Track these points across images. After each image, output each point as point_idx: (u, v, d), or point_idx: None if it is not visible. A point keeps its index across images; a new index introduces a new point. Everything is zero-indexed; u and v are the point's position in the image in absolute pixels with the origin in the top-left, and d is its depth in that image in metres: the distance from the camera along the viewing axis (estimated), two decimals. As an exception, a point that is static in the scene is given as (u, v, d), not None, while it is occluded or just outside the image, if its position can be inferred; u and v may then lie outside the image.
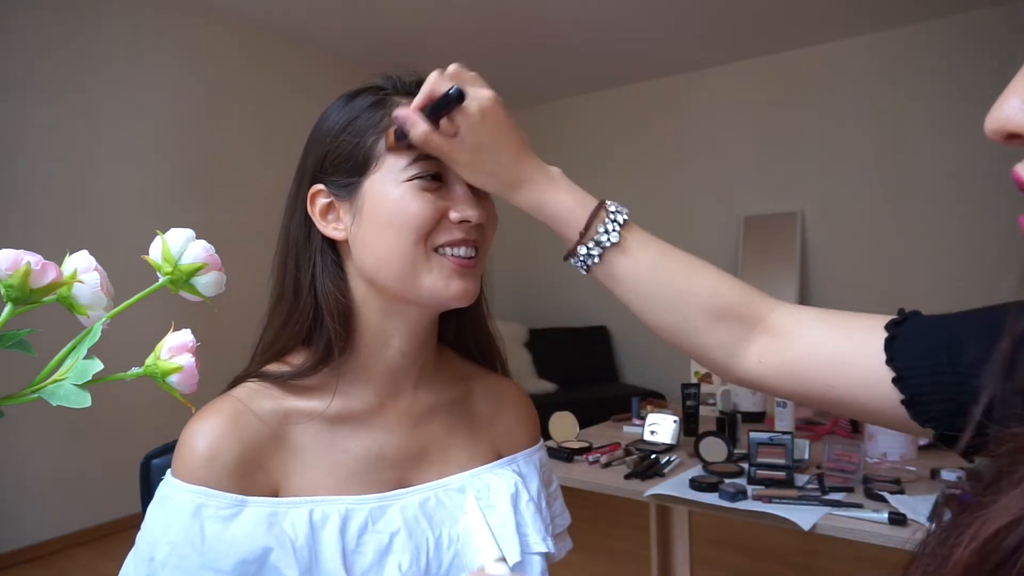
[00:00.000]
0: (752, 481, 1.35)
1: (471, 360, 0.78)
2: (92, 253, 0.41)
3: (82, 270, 0.40)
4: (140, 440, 1.34)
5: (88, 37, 2.93)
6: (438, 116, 0.58)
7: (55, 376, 0.39)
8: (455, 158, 0.60)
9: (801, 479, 1.36)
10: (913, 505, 1.17)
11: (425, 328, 0.68)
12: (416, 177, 0.61)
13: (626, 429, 1.91)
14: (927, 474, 1.38)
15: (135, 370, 0.42)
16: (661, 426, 1.69)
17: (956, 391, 0.47)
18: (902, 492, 1.25)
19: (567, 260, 0.64)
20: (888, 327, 0.53)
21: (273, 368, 0.65)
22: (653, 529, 1.83)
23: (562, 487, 0.84)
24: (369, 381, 0.67)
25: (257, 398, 0.63)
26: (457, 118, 0.58)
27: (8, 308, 0.38)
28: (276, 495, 0.61)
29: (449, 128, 0.59)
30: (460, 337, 0.77)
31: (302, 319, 0.65)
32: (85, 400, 0.38)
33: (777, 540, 2.78)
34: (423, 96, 0.59)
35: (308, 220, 0.66)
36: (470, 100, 0.58)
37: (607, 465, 1.51)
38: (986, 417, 0.36)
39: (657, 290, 0.61)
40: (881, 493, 1.24)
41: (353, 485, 0.63)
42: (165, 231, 0.45)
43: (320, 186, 0.64)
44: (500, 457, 0.74)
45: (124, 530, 2.97)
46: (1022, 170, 0.32)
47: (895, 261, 3.74)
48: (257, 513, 0.58)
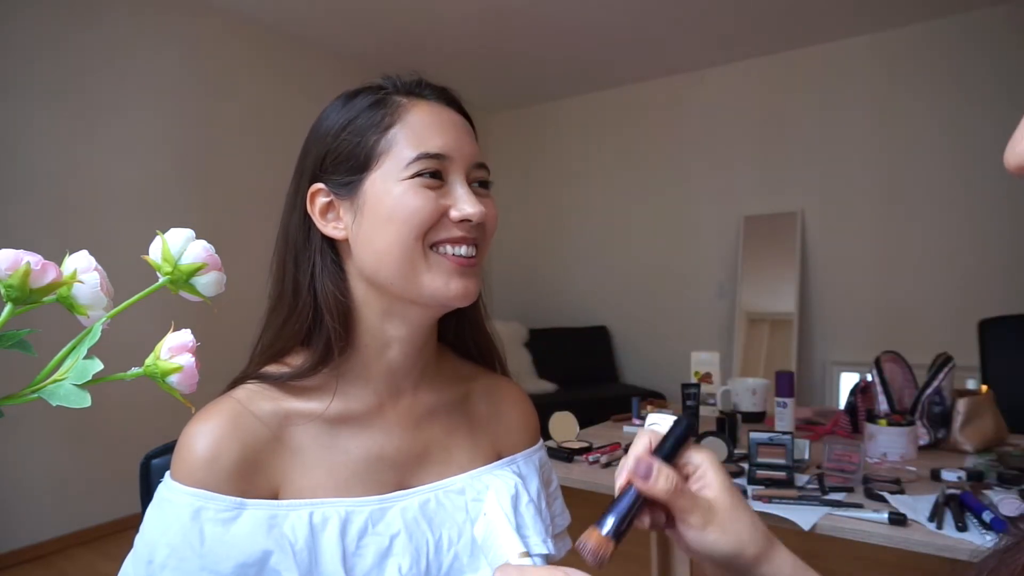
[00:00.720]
0: (752, 481, 1.35)
1: (471, 360, 0.78)
2: (92, 253, 0.41)
3: (82, 270, 0.40)
4: (140, 440, 1.34)
5: (88, 37, 2.93)
6: (674, 457, 0.52)
7: (55, 376, 0.39)
8: (709, 508, 0.50)
9: (801, 479, 1.36)
10: (913, 505, 1.17)
11: (425, 329, 0.68)
12: (417, 175, 0.61)
13: (626, 429, 1.91)
14: (927, 474, 1.38)
15: (135, 370, 0.42)
16: (661, 426, 1.68)
17: None
18: (902, 492, 1.25)
19: None
20: None
21: (272, 369, 0.65)
22: (653, 529, 1.83)
23: (562, 487, 0.84)
24: (369, 382, 0.67)
25: (256, 399, 0.62)
26: (693, 456, 0.52)
27: (8, 308, 0.38)
28: (276, 497, 0.61)
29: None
30: (459, 337, 0.77)
31: (301, 319, 0.65)
32: (85, 400, 0.38)
33: (777, 540, 2.77)
34: (643, 444, 0.52)
35: (307, 219, 0.65)
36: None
37: (607, 465, 1.51)
38: None
39: None
40: (881, 493, 1.24)
41: (353, 487, 0.63)
42: (165, 231, 0.45)
43: (320, 185, 0.64)
44: (500, 457, 0.74)
45: (124, 530, 2.97)
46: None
47: (895, 261, 3.74)
48: (257, 516, 0.58)
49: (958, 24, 3.51)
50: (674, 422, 0.53)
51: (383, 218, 0.61)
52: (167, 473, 0.60)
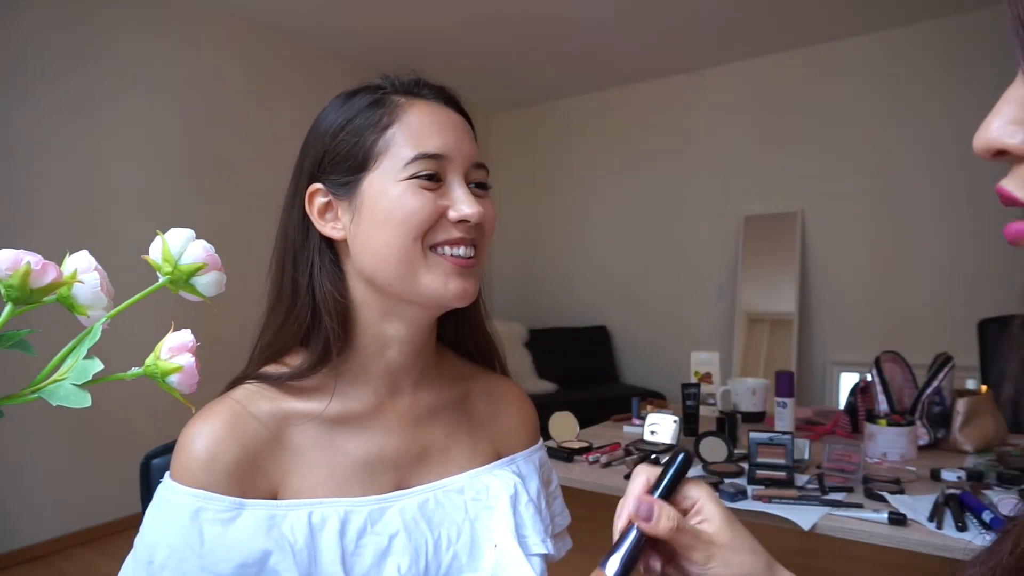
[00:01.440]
0: (752, 481, 1.35)
1: (470, 360, 0.78)
2: (92, 253, 0.41)
3: (82, 270, 0.40)
4: (140, 440, 1.34)
5: (88, 37, 2.93)
6: (672, 493, 0.51)
7: (55, 376, 0.39)
8: (711, 540, 0.50)
9: (801, 479, 1.36)
10: (913, 505, 1.17)
11: (424, 329, 0.68)
12: (415, 176, 0.61)
13: (626, 429, 1.91)
14: (927, 474, 1.38)
15: (135, 370, 0.42)
16: (661, 426, 1.69)
17: None
18: (902, 492, 1.25)
19: None
20: None
21: (271, 369, 0.65)
22: (653, 529, 1.83)
23: (562, 487, 0.84)
24: (368, 382, 0.67)
25: (255, 400, 0.62)
26: (691, 490, 0.52)
27: (8, 308, 0.38)
28: (275, 497, 0.61)
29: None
30: (459, 337, 0.77)
31: (300, 319, 0.65)
32: (85, 400, 0.38)
33: (777, 540, 2.77)
34: (641, 483, 0.52)
35: (306, 219, 0.65)
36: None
37: (607, 465, 1.51)
38: None
39: None
40: (881, 493, 1.24)
41: (352, 487, 0.63)
42: (165, 231, 0.45)
43: (318, 185, 0.64)
44: (500, 457, 0.74)
45: (124, 530, 2.97)
46: (1007, 184, 0.33)
47: (895, 261, 3.74)
48: (256, 516, 0.58)
49: (958, 24, 3.51)
50: (670, 457, 0.53)
51: (381, 219, 0.61)
52: (167, 473, 0.60)
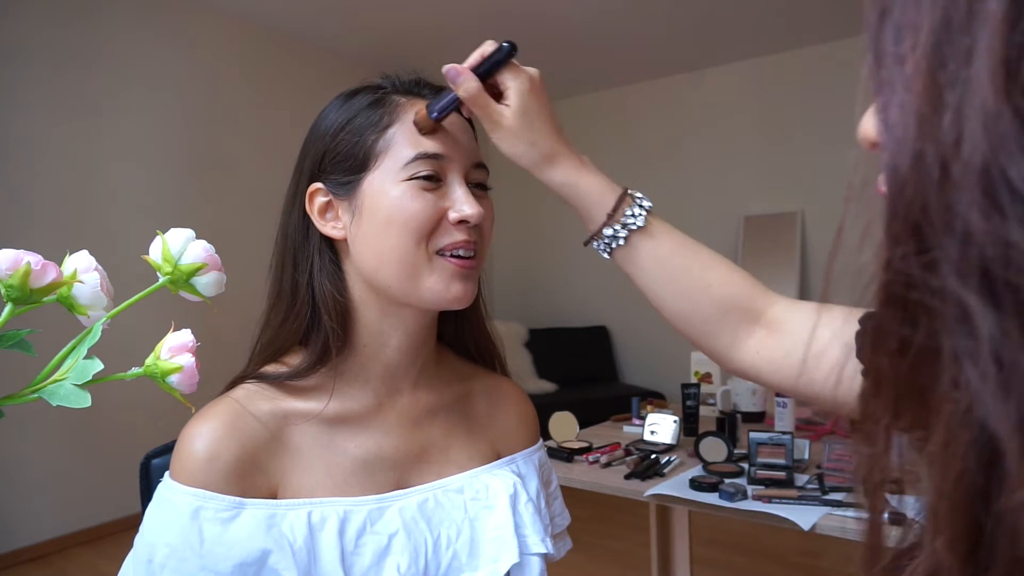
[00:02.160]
0: (752, 481, 1.35)
1: (470, 360, 0.78)
2: (92, 253, 0.41)
3: (82, 270, 0.40)
4: (140, 440, 1.34)
5: (88, 36, 2.93)
6: (489, 75, 0.60)
7: (55, 376, 0.39)
8: (498, 120, 0.61)
9: (801, 479, 1.36)
10: (913, 505, 1.17)
11: (424, 328, 0.68)
12: (415, 177, 0.61)
13: (626, 429, 1.91)
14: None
15: (135, 370, 0.42)
16: (661, 426, 1.69)
17: None
18: (902, 492, 1.25)
19: (589, 244, 0.67)
20: (861, 320, 0.51)
21: (271, 369, 0.65)
22: (653, 529, 1.83)
23: (562, 487, 0.84)
24: (367, 382, 0.67)
25: (255, 399, 0.63)
26: (508, 80, 0.61)
27: (8, 308, 0.38)
28: (275, 497, 0.61)
29: (494, 91, 0.61)
30: (459, 337, 0.77)
31: (300, 319, 0.65)
32: (85, 400, 0.38)
33: (777, 540, 2.78)
34: (475, 57, 0.60)
35: (306, 219, 0.65)
36: (523, 69, 0.60)
37: (607, 465, 1.51)
38: None
39: (676, 276, 0.63)
40: (881, 493, 1.24)
41: (352, 486, 0.63)
42: (165, 231, 0.45)
43: (318, 184, 0.64)
44: (499, 457, 0.74)
45: (124, 530, 2.97)
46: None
47: (895, 261, 3.74)
48: (256, 515, 0.58)
49: (958, 24, 3.51)
50: (497, 47, 0.60)
51: (382, 220, 0.61)
52: (167, 473, 0.60)
